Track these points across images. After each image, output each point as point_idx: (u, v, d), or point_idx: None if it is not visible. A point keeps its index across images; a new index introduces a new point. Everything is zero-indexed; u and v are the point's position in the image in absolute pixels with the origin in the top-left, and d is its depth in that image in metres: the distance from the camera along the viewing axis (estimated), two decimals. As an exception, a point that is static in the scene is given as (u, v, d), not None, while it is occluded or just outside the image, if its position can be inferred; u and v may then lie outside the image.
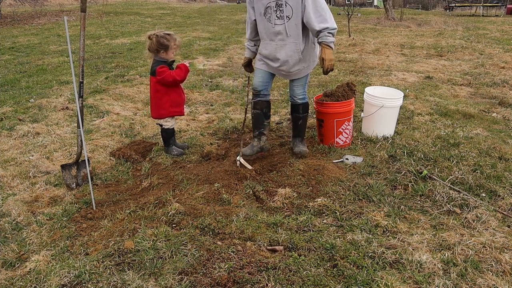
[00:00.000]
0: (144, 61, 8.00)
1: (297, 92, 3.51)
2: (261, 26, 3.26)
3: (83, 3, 2.95)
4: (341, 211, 2.74)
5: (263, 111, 3.51)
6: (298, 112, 3.58)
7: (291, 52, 3.23)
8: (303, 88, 3.51)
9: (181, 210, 2.69)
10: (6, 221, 2.76)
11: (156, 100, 3.62)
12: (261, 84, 3.43)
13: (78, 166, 3.27)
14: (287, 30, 3.15)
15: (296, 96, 3.52)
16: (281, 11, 3.10)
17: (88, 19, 14.66)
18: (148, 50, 3.56)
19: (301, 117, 3.60)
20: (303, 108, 3.56)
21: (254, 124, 3.58)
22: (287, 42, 3.20)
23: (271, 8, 3.12)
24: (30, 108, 5.11)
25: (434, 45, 9.93)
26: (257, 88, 3.44)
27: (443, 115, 4.76)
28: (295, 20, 3.12)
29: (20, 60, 8.33)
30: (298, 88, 3.50)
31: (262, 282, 2.02)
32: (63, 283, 2.06)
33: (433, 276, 2.12)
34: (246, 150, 3.51)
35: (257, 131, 3.55)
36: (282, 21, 3.13)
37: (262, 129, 3.56)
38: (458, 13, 22.47)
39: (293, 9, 3.08)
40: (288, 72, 3.37)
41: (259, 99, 3.46)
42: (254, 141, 3.57)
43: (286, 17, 3.11)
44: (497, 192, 2.97)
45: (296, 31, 3.16)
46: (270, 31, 3.21)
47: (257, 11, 3.22)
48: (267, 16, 3.17)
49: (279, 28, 3.16)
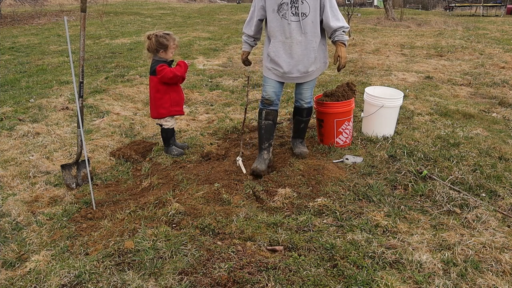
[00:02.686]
0: (144, 61, 8.01)
1: (306, 95, 3.41)
2: (274, 24, 3.13)
3: (83, 3, 2.95)
4: (341, 211, 2.74)
5: (274, 122, 3.35)
6: (302, 115, 3.52)
7: (306, 51, 3.14)
8: (311, 91, 3.43)
9: (181, 210, 2.69)
10: (6, 221, 2.76)
11: (156, 100, 3.62)
12: (274, 93, 3.28)
13: (78, 166, 3.27)
14: (303, 28, 3.07)
15: (303, 100, 3.43)
16: (297, 8, 3.03)
17: (88, 19, 14.66)
18: (147, 50, 3.57)
19: (304, 121, 3.55)
20: (307, 112, 3.51)
21: (264, 136, 3.33)
22: (302, 40, 3.11)
23: (286, 5, 3.04)
24: (30, 108, 5.10)
25: (434, 45, 9.93)
26: (270, 98, 3.27)
27: (443, 115, 4.76)
28: (312, 17, 3.06)
29: (20, 60, 8.33)
30: (307, 91, 3.41)
31: (262, 282, 2.02)
32: (63, 283, 2.06)
33: (433, 276, 2.12)
34: (261, 165, 3.25)
35: (267, 143, 3.35)
36: (298, 17, 3.05)
37: (271, 140, 3.38)
38: (458, 13, 22.47)
39: (310, 6, 3.03)
40: (302, 74, 3.23)
41: (271, 108, 3.31)
42: (264, 153, 3.34)
43: (303, 14, 3.04)
44: (497, 192, 2.97)
45: (312, 29, 3.10)
46: (285, 28, 3.10)
47: (269, 8, 3.12)
48: (281, 13, 3.07)
49: (294, 25, 3.07)
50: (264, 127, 3.32)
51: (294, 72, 3.22)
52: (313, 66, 3.24)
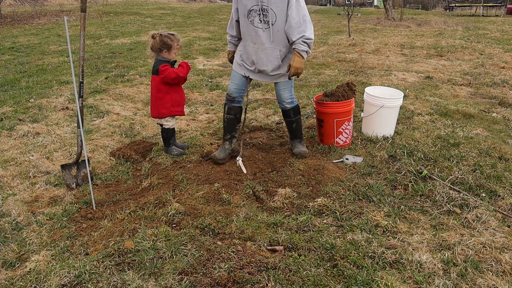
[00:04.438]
0: (144, 61, 8.01)
1: (284, 96, 3.42)
2: (244, 28, 3.22)
3: (83, 3, 2.95)
4: (341, 211, 2.74)
5: (236, 116, 3.50)
6: (289, 116, 3.53)
7: (271, 58, 3.18)
8: (289, 91, 3.42)
9: (181, 210, 2.69)
10: (6, 221, 2.76)
11: (157, 100, 3.63)
12: (236, 90, 3.39)
13: (78, 166, 3.27)
14: (270, 35, 3.11)
15: (284, 101, 3.44)
16: (265, 16, 3.06)
17: (88, 19, 14.66)
18: (151, 49, 3.57)
19: (293, 121, 3.55)
20: (293, 112, 3.50)
21: (226, 128, 3.54)
22: (267, 47, 3.15)
23: (254, 11, 3.08)
24: (30, 108, 5.10)
25: (434, 45, 9.93)
26: (232, 95, 3.40)
27: (443, 115, 4.76)
28: (278, 26, 3.07)
29: (20, 60, 8.33)
30: (284, 92, 3.40)
31: (262, 282, 2.02)
32: (63, 283, 2.06)
33: (433, 276, 2.12)
34: (219, 154, 3.47)
35: (229, 135, 3.54)
36: (265, 25, 3.09)
37: (234, 132, 3.56)
38: (458, 13, 22.47)
39: (277, 15, 3.04)
40: (267, 75, 3.30)
41: (233, 105, 3.43)
42: (225, 144, 3.55)
43: (270, 23, 3.07)
44: (497, 192, 2.98)
45: (278, 38, 3.12)
46: (252, 34, 3.16)
47: (240, 12, 3.19)
48: (250, 19, 3.13)
49: (261, 33, 3.12)
50: (227, 120, 3.52)
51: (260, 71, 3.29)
52: (276, 71, 3.27)
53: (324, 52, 9.27)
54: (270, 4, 3.01)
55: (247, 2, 3.09)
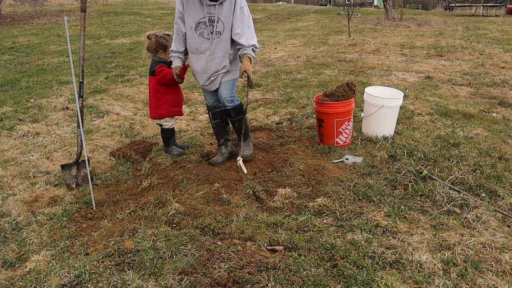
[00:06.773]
0: (144, 61, 8.01)
1: (225, 94, 3.24)
2: (191, 40, 3.18)
3: (83, 3, 2.95)
4: (341, 211, 2.74)
5: (222, 119, 3.49)
6: (230, 116, 3.42)
7: (220, 66, 3.19)
8: (230, 89, 3.27)
9: (181, 210, 2.69)
10: (6, 221, 2.76)
11: (155, 100, 3.63)
12: (212, 102, 3.42)
13: (78, 166, 3.27)
14: (217, 45, 3.13)
15: (224, 100, 3.26)
16: (214, 27, 3.09)
17: (88, 19, 14.66)
18: (147, 50, 3.58)
19: (235, 120, 3.42)
20: (235, 112, 3.35)
21: (217, 134, 3.54)
22: (216, 56, 3.17)
23: (204, 24, 3.10)
24: (30, 108, 5.11)
25: (434, 45, 9.93)
26: (211, 106, 3.44)
27: (443, 115, 4.76)
28: (226, 35, 3.12)
29: (20, 60, 8.34)
30: (226, 89, 3.25)
31: (262, 282, 2.02)
32: (63, 283, 2.06)
33: (433, 276, 2.12)
34: (218, 158, 3.50)
35: (222, 139, 3.54)
36: (213, 36, 3.12)
37: (226, 135, 3.56)
38: (458, 13, 22.47)
39: (224, 25, 3.08)
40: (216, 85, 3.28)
41: (216, 110, 3.45)
42: (222, 148, 3.56)
43: (218, 33, 3.10)
44: (497, 192, 2.97)
45: (225, 46, 3.15)
46: (201, 45, 3.16)
47: (187, 25, 3.16)
48: (198, 31, 3.13)
49: (210, 43, 3.14)
50: (215, 126, 3.53)
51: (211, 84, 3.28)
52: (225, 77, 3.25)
53: (324, 52, 9.27)
54: (218, 15, 3.06)
55: (195, 15, 3.10)
